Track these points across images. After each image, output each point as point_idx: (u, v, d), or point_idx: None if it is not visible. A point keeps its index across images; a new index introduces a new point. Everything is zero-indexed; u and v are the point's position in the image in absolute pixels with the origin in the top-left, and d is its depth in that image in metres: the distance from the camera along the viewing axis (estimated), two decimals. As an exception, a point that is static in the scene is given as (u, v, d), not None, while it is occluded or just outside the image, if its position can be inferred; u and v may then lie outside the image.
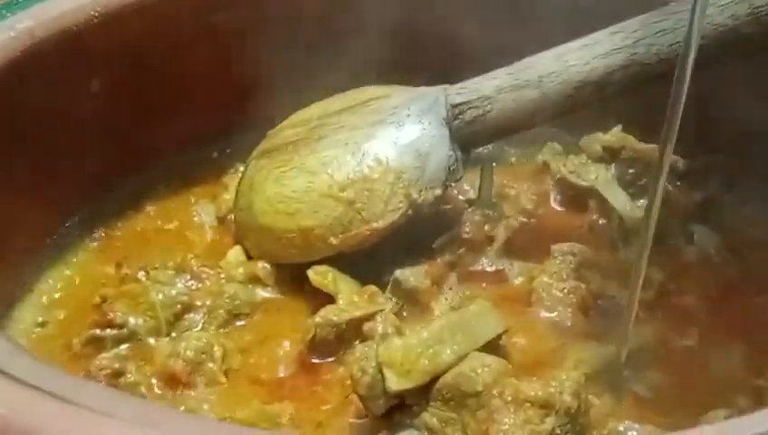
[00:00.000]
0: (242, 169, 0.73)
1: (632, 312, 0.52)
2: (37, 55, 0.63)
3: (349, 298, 0.61)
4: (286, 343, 0.61)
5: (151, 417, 0.35)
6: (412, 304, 0.62)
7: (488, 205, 0.70)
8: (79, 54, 0.66)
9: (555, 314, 0.62)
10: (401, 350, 0.52)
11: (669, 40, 0.60)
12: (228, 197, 0.73)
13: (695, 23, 0.45)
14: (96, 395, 0.37)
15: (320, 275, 0.63)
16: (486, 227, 0.68)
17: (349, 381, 0.54)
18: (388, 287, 0.63)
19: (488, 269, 0.66)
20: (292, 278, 0.65)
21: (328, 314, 0.60)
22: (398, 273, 0.62)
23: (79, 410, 0.35)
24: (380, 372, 0.51)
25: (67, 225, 0.70)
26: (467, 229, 0.68)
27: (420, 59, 0.77)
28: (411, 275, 0.62)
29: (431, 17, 0.78)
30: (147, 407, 0.40)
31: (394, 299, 0.62)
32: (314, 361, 0.59)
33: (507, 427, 0.48)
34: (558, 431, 0.49)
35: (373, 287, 0.62)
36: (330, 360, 0.59)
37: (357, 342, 0.59)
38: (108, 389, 0.45)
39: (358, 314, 0.60)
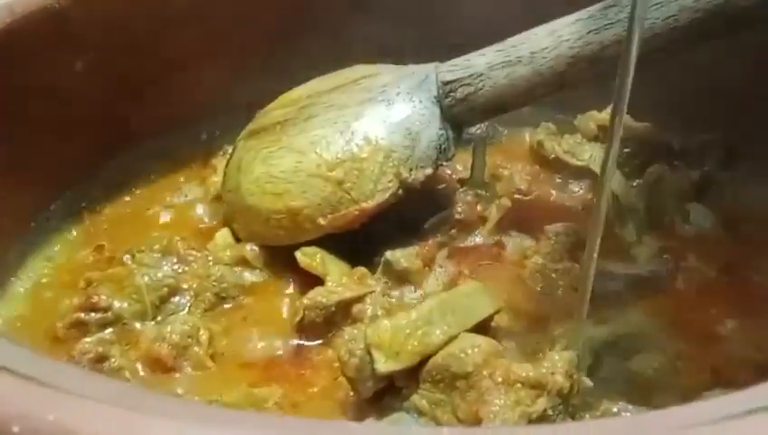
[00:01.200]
0: (231, 150, 0.72)
1: (589, 281, 0.51)
2: (18, 33, 0.62)
3: (338, 280, 0.60)
4: (274, 326, 0.60)
5: (131, 398, 0.34)
6: (403, 285, 0.61)
7: (481, 185, 0.70)
8: (62, 32, 0.65)
9: (549, 294, 0.61)
10: (390, 331, 0.51)
11: (664, 13, 0.59)
12: (217, 179, 0.72)
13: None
14: (75, 378, 0.35)
15: (308, 257, 0.62)
16: (479, 207, 0.68)
17: (337, 364, 0.53)
18: (379, 269, 0.62)
19: (480, 249, 0.65)
20: (281, 260, 0.64)
21: (316, 295, 0.59)
22: (388, 254, 0.61)
23: (55, 392, 0.34)
24: (369, 353, 0.50)
25: (52, 207, 0.69)
26: (460, 209, 0.67)
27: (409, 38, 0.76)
28: (402, 257, 0.61)
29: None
30: (126, 389, 0.39)
31: (384, 280, 0.61)
32: (303, 343, 0.59)
33: (498, 408, 0.47)
34: (550, 412, 0.48)
35: (363, 269, 0.61)
36: (318, 342, 0.59)
37: (346, 324, 0.58)
38: (87, 372, 0.44)
39: (347, 295, 0.59)
